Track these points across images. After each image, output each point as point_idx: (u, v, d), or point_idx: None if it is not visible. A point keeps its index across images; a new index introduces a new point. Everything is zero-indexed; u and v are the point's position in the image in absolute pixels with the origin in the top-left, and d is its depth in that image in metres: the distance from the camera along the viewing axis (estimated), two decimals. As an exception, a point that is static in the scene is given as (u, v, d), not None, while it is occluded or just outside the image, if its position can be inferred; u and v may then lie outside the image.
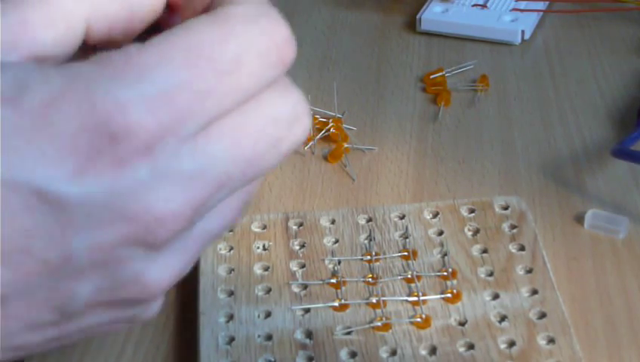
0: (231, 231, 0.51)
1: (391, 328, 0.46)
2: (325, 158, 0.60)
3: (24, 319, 0.30)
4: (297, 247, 0.51)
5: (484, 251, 0.50)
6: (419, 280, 0.48)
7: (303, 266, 0.50)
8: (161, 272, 0.31)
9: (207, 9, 0.33)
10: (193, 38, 0.29)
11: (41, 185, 0.28)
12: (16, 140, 0.28)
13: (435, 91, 0.66)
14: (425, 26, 0.73)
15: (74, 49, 0.33)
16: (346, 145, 0.60)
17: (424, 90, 0.67)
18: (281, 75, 0.31)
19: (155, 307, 0.34)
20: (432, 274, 0.49)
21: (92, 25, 0.33)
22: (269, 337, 0.46)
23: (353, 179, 0.58)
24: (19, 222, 0.28)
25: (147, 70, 0.29)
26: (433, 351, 0.45)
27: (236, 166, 0.31)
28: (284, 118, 0.32)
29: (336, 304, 0.47)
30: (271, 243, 0.51)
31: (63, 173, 0.28)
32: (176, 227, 0.30)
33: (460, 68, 0.69)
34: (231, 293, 0.48)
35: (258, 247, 0.51)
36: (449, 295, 0.47)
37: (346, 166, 0.59)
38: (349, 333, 0.46)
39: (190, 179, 0.30)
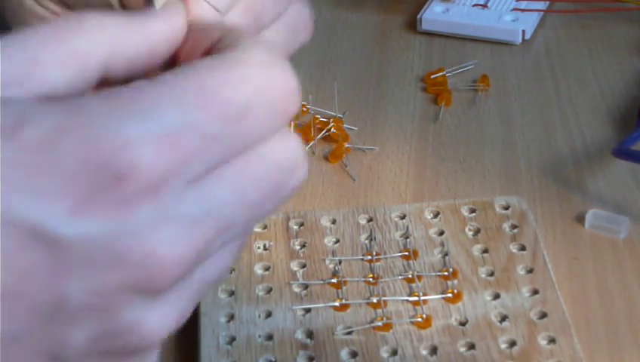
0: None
1: (392, 328, 0.46)
2: (326, 158, 0.60)
3: None
4: (298, 247, 0.51)
5: (485, 251, 0.50)
6: (419, 280, 0.48)
7: (303, 266, 0.50)
8: (160, 321, 0.29)
9: (212, 49, 0.33)
10: (206, 79, 0.29)
11: (38, 223, 0.26)
12: (13, 175, 0.27)
13: (435, 91, 0.66)
14: (425, 25, 0.73)
15: (88, 87, 0.32)
16: (346, 145, 0.60)
17: (425, 90, 0.67)
18: (283, 125, 0.31)
19: (151, 358, 0.32)
20: (433, 274, 0.49)
21: (110, 63, 0.32)
22: (270, 337, 0.46)
23: (354, 179, 0.58)
24: (13, 263, 0.27)
25: (155, 107, 0.28)
26: (434, 350, 0.45)
27: (239, 210, 0.30)
28: (287, 164, 0.32)
29: (336, 304, 0.47)
30: (272, 243, 0.51)
31: (61, 212, 0.27)
32: (177, 273, 0.29)
33: (461, 68, 0.69)
34: (232, 293, 0.48)
35: (259, 247, 0.51)
36: (450, 295, 0.47)
37: (346, 166, 0.59)
38: (349, 333, 0.46)
39: (194, 223, 0.29)
